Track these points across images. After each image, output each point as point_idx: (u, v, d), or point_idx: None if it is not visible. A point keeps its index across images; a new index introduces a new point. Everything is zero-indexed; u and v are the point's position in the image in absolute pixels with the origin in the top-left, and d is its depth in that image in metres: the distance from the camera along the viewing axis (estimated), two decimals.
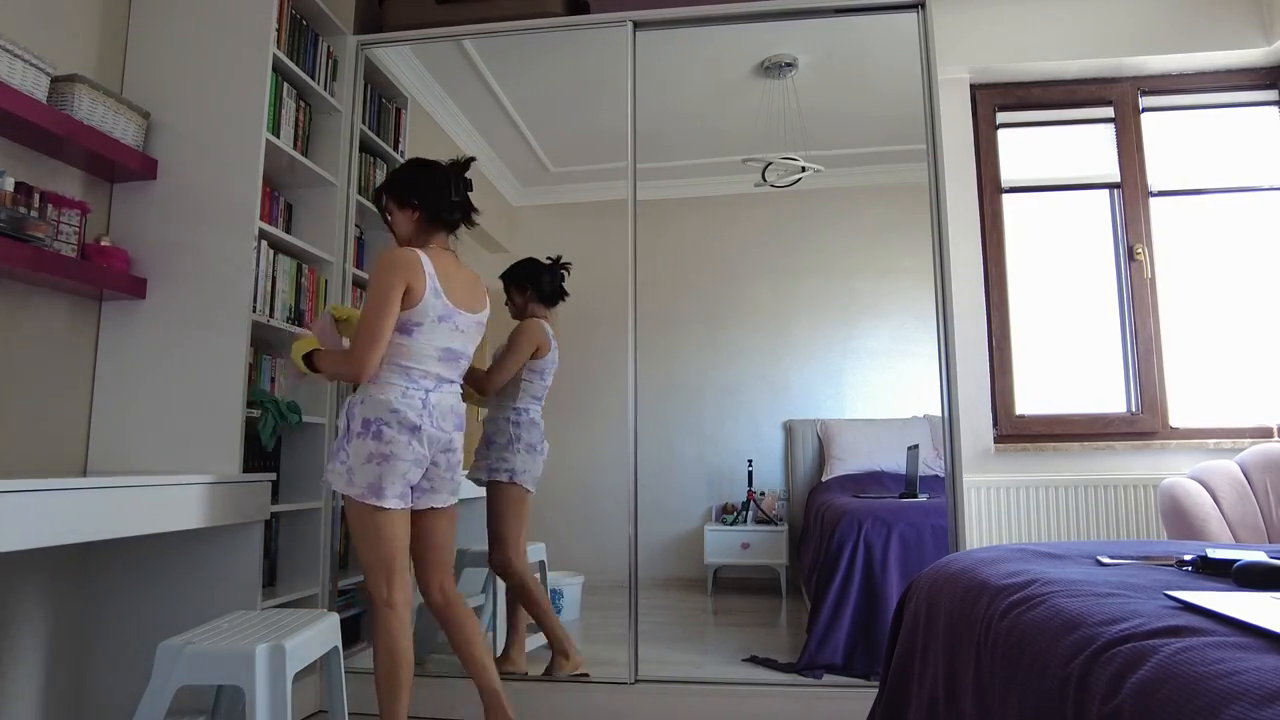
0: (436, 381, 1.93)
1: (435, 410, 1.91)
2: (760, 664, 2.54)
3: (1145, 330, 3.25)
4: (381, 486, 1.84)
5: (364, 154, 2.85)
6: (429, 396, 1.91)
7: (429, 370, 1.91)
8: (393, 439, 1.84)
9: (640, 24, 2.71)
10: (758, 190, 2.88)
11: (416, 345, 1.88)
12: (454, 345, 1.95)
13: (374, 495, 1.84)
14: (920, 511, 2.61)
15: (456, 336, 1.95)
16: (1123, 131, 3.36)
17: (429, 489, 1.97)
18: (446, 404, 1.95)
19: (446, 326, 1.92)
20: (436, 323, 1.90)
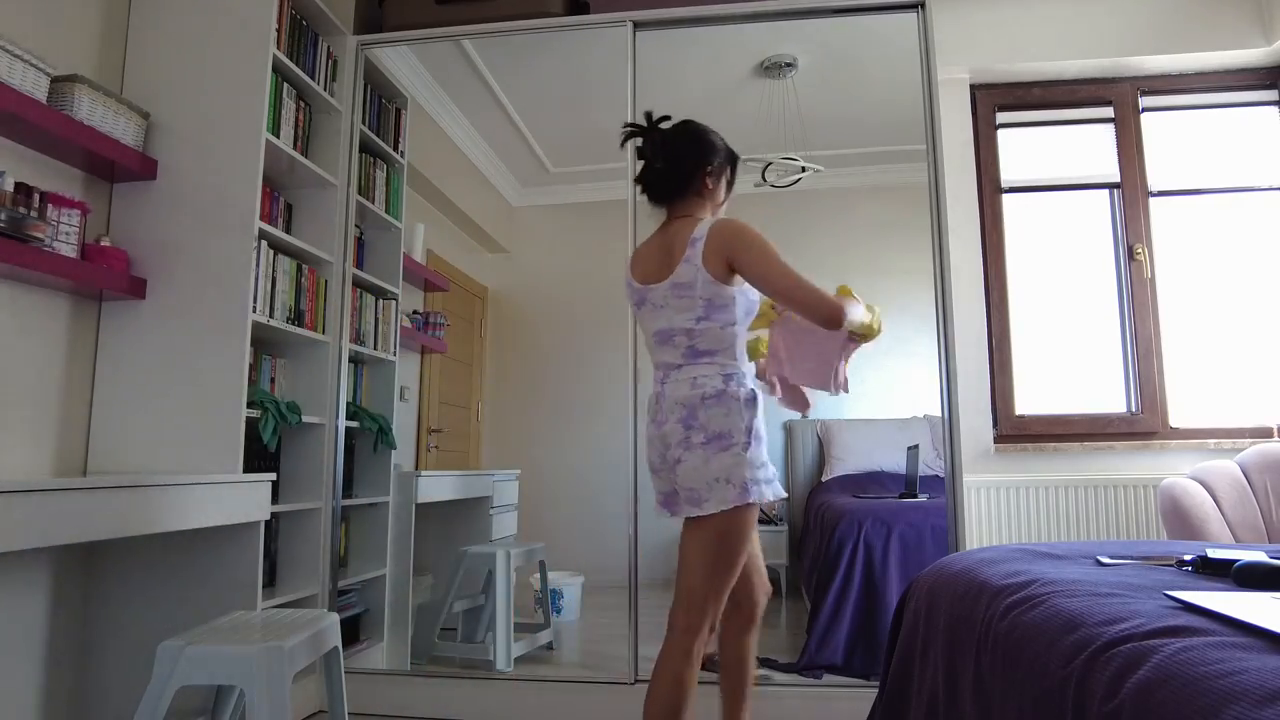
0: (665, 371, 1.69)
1: (663, 405, 1.66)
2: (760, 664, 2.54)
3: (1145, 330, 3.26)
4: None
5: (364, 154, 2.85)
6: (662, 389, 1.68)
7: (656, 360, 1.71)
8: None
9: (640, 24, 2.71)
10: (758, 190, 2.88)
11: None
12: (659, 325, 1.68)
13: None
14: (920, 511, 2.61)
15: (658, 315, 1.67)
16: (1122, 131, 3.36)
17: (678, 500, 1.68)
18: (672, 397, 1.64)
19: (645, 310, 1.70)
20: (637, 310, 1.73)
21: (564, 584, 3.01)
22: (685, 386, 1.63)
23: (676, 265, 1.64)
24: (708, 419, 1.60)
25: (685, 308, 1.64)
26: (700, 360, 1.65)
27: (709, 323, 1.64)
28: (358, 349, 2.77)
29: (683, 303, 1.64)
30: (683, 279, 1.63)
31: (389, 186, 3.02)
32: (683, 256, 1.63)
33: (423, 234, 3.18)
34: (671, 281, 1.65)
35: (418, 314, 3.19)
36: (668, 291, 1.65)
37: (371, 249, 2.99)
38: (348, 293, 2.71)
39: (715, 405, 1.61)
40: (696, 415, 1.60)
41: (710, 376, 1.63)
